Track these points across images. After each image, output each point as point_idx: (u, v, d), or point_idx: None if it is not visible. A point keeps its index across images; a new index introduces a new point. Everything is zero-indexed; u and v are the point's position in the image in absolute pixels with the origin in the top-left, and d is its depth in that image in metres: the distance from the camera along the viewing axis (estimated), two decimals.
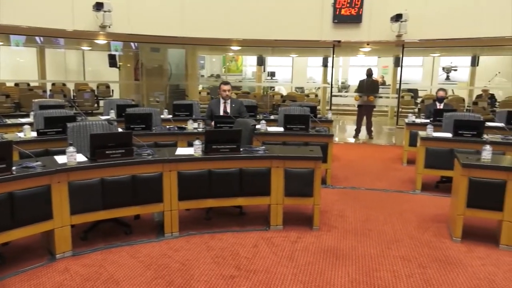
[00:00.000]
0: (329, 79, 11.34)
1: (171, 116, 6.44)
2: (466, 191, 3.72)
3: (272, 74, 16.75)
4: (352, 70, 17.13)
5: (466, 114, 6.30)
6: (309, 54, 15.54)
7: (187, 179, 3.77)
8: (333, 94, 11.16)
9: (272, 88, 15.27)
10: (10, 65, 13.00)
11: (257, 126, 5.17)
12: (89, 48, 12.99)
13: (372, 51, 12.18)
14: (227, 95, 5.56)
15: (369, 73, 9.60)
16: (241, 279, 3.10)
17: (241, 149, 3.97)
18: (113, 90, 12.66)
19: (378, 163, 7.09)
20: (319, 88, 14.70)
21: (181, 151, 4.00)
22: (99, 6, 7.77)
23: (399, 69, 10.83)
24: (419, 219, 4.39)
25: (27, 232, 3.18)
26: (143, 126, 5.17)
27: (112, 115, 6.27)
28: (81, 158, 3.51)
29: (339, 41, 9.56)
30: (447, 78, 15.97)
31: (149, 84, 11.94)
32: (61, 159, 3.45)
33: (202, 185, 3.82)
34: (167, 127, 5.53)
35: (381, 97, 10.72)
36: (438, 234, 3.99)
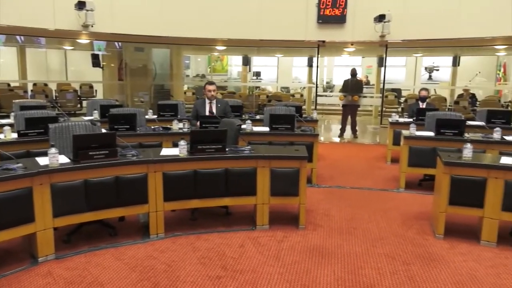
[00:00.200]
0: (314, 79, 11.40)
1: (156, 116, 6.38)
2: (448, 188, 3.79)
3: (258, 74, 16.76)
4: (337, 70, 17.26)
5: (448, 113, 6.41)
6: (294, 54, 15.61)
7: (172, 179, 3.75)
8: (318, 94, 11.23)
9: (257, 88, 15.29)
10: None
11: (243, 126, 5.17)
12: (72, 47, 12.77)
13: (356, 51, 12.31)
14: (212, 95, 5.55)
15: (353, 73, 9.70)
16: (227, 279, 3.10)
17: (227, 149, 3.97)
18: (96, 90, 12.50)
19: (362, 162, 7.17)
20: (304, 88, 14.78)
21: (166, 151, 3.97)
22: (81, 5, 7.65)
23: (382, 69, 10.96)
24: (403, 217, 4.46)
25: (8, 236, 3.11)
26: (127, 126, 5.12)
27: (96, 115, 6.19)
28: (63, 159, 3.45)
29: (323, 41, 9.63)
30: (430, 78, 16.24)
31: (133, 84, 11.81)
32: (43, 160, 3.39)
33: (188, 186, 3.81)
34: (152, 127, 5.49)
35: (365, 97, 10.82)
36: (421, 231, 4.06)
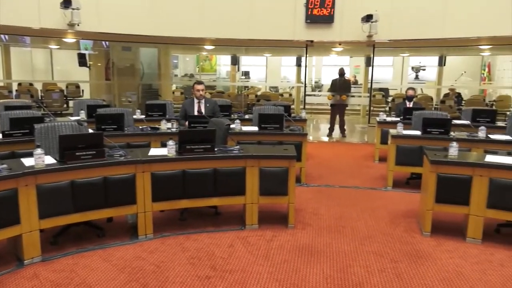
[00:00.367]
0: (302, 79, 11.44)
1: (144, 116, 6.33)
2: (435, 187, 3.84)
3: (247, 74, 16.75)
4: (325, 69, 17.35)
5: (434, 112, 6.51)
6: (282, 54, 15.64)
7: (161, 180, 3.73)
8: (307, 93, 11.28)
9: (246, 88, 15.27)
10: None
11: (232, 126, 5.17)
12: (57, 46, 12.58)
13: (344, 51, 12.39)
14: (201, 95, 5.53)
15: (341, 72, 9.76)
16: (217, 279, 3.09)
17: (216, 149, 3.96)
18: (83, 90, 12.33)
19: (351, 161, 7.23)
20: (293, 87, 14.83)
21: (155, 151, 3.95)
22: (67, 4, 7.53)
23: (370, 68, 11.05)
24: (390, 215, 4.51)
25: None
26: (115, 126, 5.08)
27: (82, 115, 6.12)
28: (49, 160, 3.41)
29: (311, 41, 9.67)
30: (416, 77, 16.44)
31: (120, 83, 11.69)
32: (28, 161, 3.34)
33: (176, 186, 3.79)
34: (140, 127, 5.45)
35: (353, 96, 10.91)
36: (409, 229, 4.11)
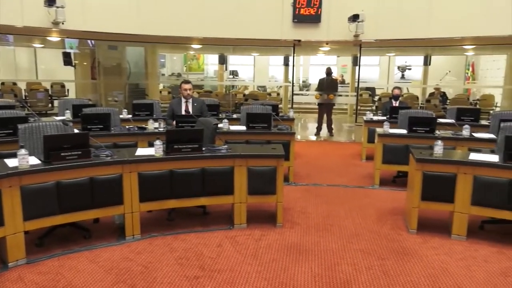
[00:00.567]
0: (290, 78, 11.47)
1: (130, 116, 6.28)
2: (421, 184, 3.89)
3: (235, 73, 16.71)
4: (313, 69, 17.43)
5: (420, 111, 6.59)
6: (270, 53, 15.64)
7: (148, 180, 3.70)
8: (295, 92, 11.30)
9: (234, 87, 15.24)
10: None
11: (220, 125, 5.15)
12: (42, 45, 12.36)
13: (331, 51, 12.45)
14: (188, 94, 5.50)
15: (329, 72, 9.82)
16: (205, 279, 3.09)
17: (204, 149, 3.94)
18: (68, 90, 12.14)
19: (338, 159, 7.28)
20: (280, 86, 14.85)
21: (142, 151, 3.91)
22: (51, 2, 7.40)
23: (357, 68, 11.14)
24: (377, 213, 4.56)
25: None
26: (101, 126, 5.03)
27: (68, 115, 6.03)
28: (34, 161, 3.35)
29: (299, 40, 9.70)
30: (402, 76, 16.64)
31: (107, 83, 11.55)
32: (12, 162, 3.28)
33: (164, 186, 3.77)
34: (127, 127, 5.40)
35: (340, 95, 11.00)
36: (395, 226, 4.16)
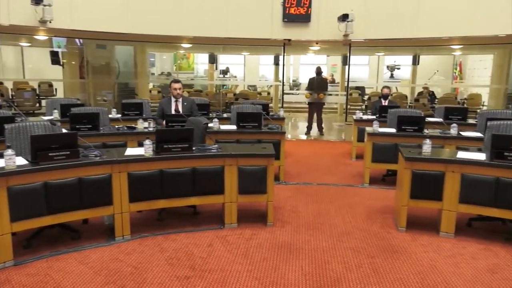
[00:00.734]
0: (280, 77, 11.49)
1: (120, 115, 6.24)
2: (409, 183, 3.93)
3: (225, 72, 16.68)
4: (303, 68, 17.49)
5: (409, 110, 6.67)
6: (260, 53, 15.66)
7: (138, 180, 3.67)
8: (285, 92, 11.33)
9: (224, 87, 15.22)
10: None
11: (210, 125, 5.14)
12: (29, 44, 12.19)
13: (321, 50, 12.51)
14: (178, 94, 5.48)
15: (319, 71, 9.86)
16: (196, 279, 3.08)
17: (194, 148, 3.92)
18: (56, 89, 11.98)
19: (328, 158, 7.32)
20: (271, 86, 14.87)
21: (131, 151, 3.88)
22: (38, 0, 7.32)
23: (347, 67, 11.21)
24: (367, 211, 4.59)
25: None
26: (90, 126, 4.97)
27: (56, 115, 5.97)
28: (21, 161, 3.30)
29: (289, 40, 9.73)
30: (391, 76, 16.79)
31: (95, 82, 11.44)
32: None
33: (154, 186, 3.74)
34: (116, 127, 5.35)
35: (330, 95, 11.05)
36: (385, 225, 4.20)
